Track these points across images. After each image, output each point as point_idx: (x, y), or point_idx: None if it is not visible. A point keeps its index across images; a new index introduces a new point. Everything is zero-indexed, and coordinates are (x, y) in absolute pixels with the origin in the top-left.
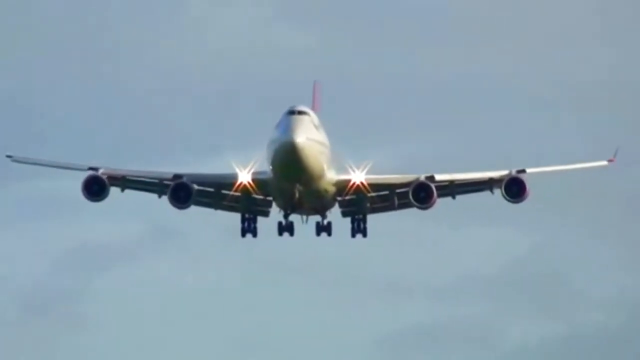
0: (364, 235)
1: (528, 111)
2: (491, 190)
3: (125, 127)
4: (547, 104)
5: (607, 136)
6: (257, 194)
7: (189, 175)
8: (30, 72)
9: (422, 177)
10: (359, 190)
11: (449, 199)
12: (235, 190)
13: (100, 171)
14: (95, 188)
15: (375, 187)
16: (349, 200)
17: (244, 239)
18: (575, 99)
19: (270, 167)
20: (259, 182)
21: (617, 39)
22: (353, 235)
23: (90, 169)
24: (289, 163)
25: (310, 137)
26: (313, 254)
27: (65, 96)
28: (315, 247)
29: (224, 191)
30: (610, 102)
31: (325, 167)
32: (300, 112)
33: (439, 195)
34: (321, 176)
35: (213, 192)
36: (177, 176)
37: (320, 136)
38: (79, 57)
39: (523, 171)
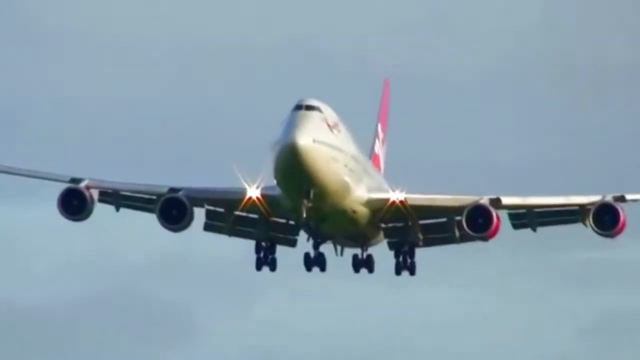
0: (412, 272)
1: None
2: (584, 222)
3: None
4: None
5: None
6: (270, 214)
7: (188, 190)
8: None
9: (484, 200)
10: (399, 213)
11: (528, 231)
12: (243, 209)
13: (84, 183)
14: (75, 203)
15: (422, 210)
16: (393, 228)
17: (262, 273)
18: None
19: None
20: (270, 199)
21: None
22: (398, 273)
23: (73, 180)
24: (289, 171)
25: (319, 138)
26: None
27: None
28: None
29: (237, 212)
30: None
31: (346, 179)
32: (309, 107)
33: (516, 227)
34: (340, 191)
35: (223, 214)
36: (173, 190)
37: (337, 139)
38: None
39: (622, 198)
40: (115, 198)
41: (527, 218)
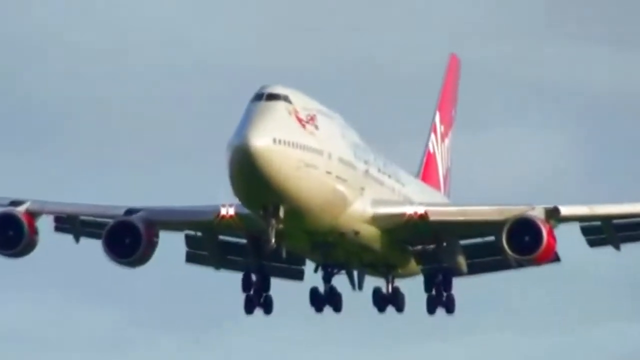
0: (449, 310)
1: None
2: None
3: None
4: None
5: None
6: (258, 238)
7: (148, 211)
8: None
9: (536, 210)
10: (424, 232)
11: (610, 249)
12: (224, 232)
13: (25, 206)
14: (10, 234)
15: (452, 227)
16: (423, 251)
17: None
18: None
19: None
20: (247, 219)
21: None
22: (431, 311)
23: (12, 203)
24: (245, 182)
25: (283, 137)
26: None
27: None
28: None
29: (221, 237)
30: None
31: (335, 189)
32: (272, 97)
33: (593, 244)
34: (325, 206)
35: (204, 240)
36: (130, 212)
37: (314, 137)
38: None
39: None
40: (73, 225)
41: (605, 233)
